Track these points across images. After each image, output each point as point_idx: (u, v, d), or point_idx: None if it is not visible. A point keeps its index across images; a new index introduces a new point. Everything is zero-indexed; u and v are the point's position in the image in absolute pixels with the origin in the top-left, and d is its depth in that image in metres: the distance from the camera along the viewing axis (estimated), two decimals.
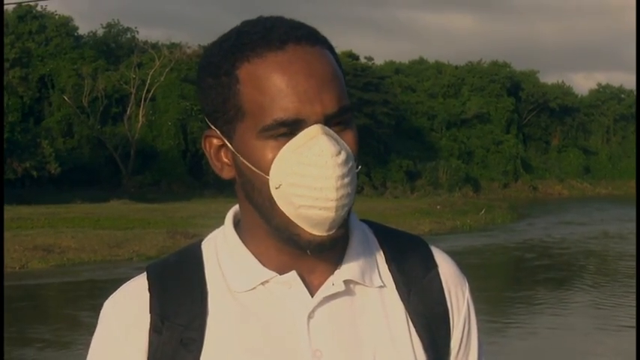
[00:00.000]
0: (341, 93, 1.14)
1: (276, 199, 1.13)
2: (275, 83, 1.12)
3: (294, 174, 1.10)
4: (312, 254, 1.16)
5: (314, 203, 1.10)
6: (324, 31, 1.21)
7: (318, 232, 1.13)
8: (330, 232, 1.14)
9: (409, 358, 1.21)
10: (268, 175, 1.12)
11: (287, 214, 1.13)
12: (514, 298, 16.01)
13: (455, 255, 1.38)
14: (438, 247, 1.32)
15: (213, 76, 1.17)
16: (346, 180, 1.11)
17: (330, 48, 1.19)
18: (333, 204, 1.10)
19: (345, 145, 1.13)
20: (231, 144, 1.17)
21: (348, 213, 1.16)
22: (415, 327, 1.23)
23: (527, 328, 12.76)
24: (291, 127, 1.11)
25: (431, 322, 1.24)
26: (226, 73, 1.15)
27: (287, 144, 1.11)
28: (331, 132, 1.12)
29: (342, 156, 1.11)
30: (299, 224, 1.13)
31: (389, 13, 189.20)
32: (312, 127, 1.11)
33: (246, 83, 1.13)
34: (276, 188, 1.12)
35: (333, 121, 1.13)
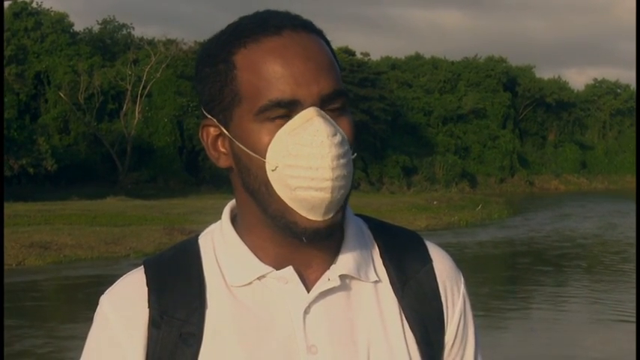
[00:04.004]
0: (337, 78, 1.16)
1: (272, 182, 1.13)
2: (272, 66, 1.12)
3: (290, 155, 1.11)
4: (308, 242, 1.16)
5: (310, 184, 1.10)
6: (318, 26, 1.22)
7: (315, 216, 1.13)
8: (327, 218, 1.14)
9: (402, 353, 1.21)
10: (265, 158, 1.13)
11: (283, 197, 1.13)
12: (511, 292, 16.03)
13: (451, 250, 1.39)
14: (433, 242, 1.32)
15: (211, 65, 1.18)
16: (342, 161, 1.11)
17: (326, 40, 1.20)
18: (329, 184, 1.10)
19: (341, 129, 1.14)
20: (228, 131, 1.17)
21: (345, 200, 1.16)
22: (408, 322, 1.23)
23: (524, 321, 12.78)
24: (287, 109, 1.12)
25: (424, 316, 1.24)
26: (223, 61, 1.16)
27: (283, 126, 1.12)
28: (326, 115, 1.13)
29: (338, 137, 1.11)
30: (295, 209, 1.13)
31: (381, 11, 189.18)
32: (308, 109, 1.12)
33: (242, 68, 1.14)
34: (273, 171, 1.12)
35: (328, 107, 1.14)
